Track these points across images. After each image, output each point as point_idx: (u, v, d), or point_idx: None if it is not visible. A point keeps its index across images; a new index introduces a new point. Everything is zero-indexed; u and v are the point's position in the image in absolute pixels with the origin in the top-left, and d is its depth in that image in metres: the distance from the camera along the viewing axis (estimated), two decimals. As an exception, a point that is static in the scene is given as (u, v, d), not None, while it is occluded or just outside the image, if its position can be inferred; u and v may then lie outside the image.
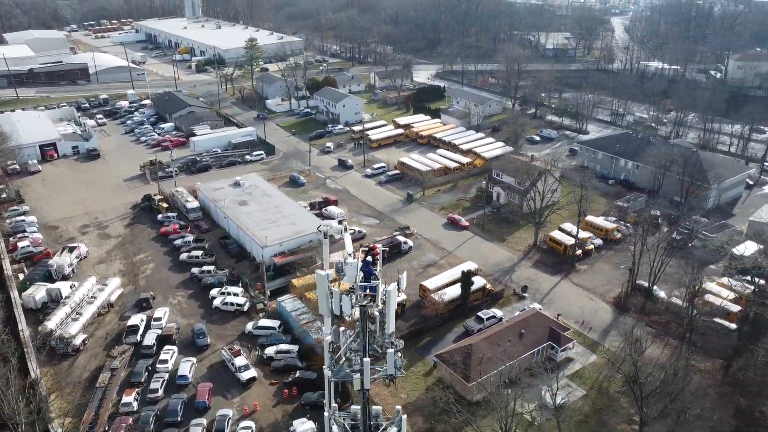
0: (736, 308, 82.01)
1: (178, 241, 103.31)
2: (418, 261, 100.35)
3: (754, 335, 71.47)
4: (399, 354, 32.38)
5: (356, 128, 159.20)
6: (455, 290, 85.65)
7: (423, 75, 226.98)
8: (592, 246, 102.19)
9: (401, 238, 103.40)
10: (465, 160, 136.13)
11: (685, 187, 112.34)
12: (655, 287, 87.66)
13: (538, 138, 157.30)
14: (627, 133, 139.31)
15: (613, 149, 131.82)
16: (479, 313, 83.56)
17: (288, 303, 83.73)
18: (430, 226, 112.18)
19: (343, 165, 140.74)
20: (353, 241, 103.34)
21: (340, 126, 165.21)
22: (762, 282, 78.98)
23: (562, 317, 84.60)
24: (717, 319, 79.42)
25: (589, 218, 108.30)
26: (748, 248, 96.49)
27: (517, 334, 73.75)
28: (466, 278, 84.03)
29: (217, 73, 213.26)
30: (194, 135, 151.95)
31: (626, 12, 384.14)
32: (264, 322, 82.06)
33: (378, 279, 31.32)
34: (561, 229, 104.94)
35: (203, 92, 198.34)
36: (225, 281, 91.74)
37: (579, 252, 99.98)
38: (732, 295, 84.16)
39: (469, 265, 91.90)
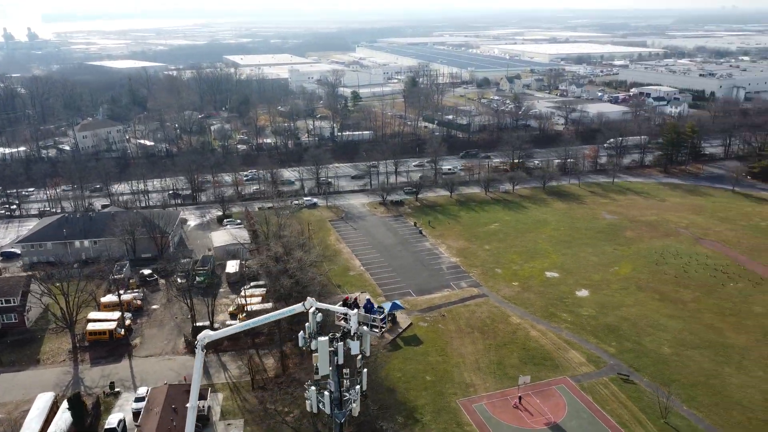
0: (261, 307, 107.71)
1: None
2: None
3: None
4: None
5: None
6: (60, 424, 77.16)
7: None
8: (129, 321, 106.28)
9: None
10: None
11: (158, 241, 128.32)
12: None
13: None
14: (65, 216, 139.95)
15: (62, 235, 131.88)
16: (108, 427, 78.90)
17: None
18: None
19: None
20: None
21: None
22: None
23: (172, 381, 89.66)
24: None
25: (104, 299, 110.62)
26: (233, 265, 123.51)
27: (172, 411, 76.55)
28: (74, 403, 77.13)
29: None
30: None
31: None
32: None
33: (381, 309, 38.63)
34: (92, 320, 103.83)
35: None
36: None
37: (122, 331, 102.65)
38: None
39: (47, 396, 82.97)
